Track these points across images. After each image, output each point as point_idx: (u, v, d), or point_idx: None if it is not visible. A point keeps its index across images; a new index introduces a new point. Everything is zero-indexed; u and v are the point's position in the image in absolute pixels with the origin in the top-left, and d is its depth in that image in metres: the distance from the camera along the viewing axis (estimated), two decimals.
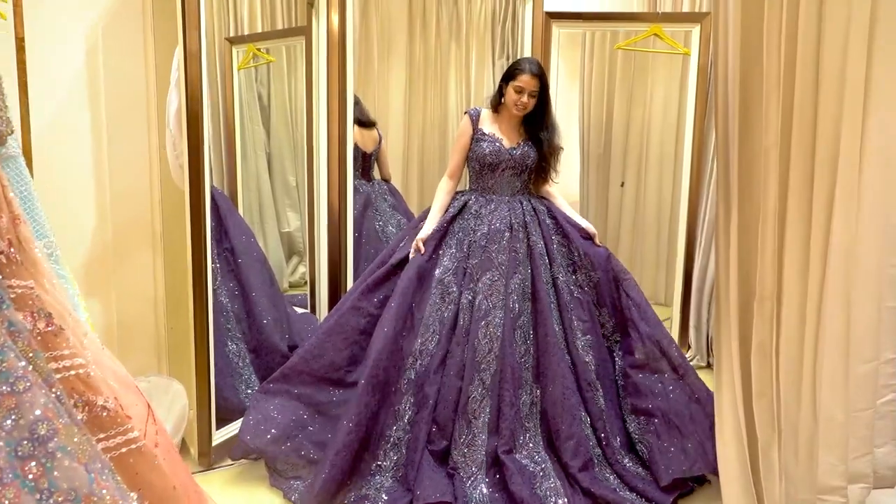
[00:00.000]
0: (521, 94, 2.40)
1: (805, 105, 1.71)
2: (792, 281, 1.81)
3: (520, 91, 2.40)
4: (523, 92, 2.40)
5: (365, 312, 2.32)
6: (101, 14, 2.31)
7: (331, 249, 2.80)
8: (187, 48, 2.05)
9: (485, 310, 2.26)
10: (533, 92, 2.41)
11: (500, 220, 2.41)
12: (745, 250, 1.81)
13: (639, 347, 2.36)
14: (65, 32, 2.25)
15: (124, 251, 2.48)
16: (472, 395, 2.19)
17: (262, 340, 2.60)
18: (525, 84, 2.40)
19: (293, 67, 3.47)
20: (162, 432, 1.52)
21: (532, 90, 2.40)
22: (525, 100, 2.41)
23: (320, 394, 2.25)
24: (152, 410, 1.51)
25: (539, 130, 2.48)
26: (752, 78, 1.72)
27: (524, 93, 2.40)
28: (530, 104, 2.43)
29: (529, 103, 2.42)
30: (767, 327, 1.82)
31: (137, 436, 1.34)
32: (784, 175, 1.75)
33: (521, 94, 2.40)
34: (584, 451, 2.18)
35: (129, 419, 1.34)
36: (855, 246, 1.78)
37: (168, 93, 2.15)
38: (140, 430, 1.42)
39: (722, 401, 1.89)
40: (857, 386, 1.92)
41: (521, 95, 2.40)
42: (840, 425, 1.90)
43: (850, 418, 1.91)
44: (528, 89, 2.40)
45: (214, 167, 3.28)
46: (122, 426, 1.31)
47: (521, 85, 2.40)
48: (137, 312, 2.53)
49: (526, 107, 2.43)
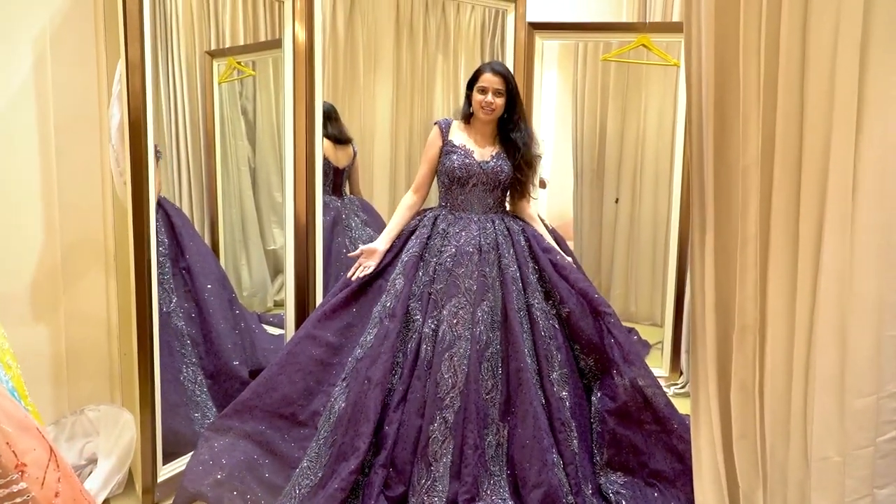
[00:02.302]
0: (484, 94, 2.26)
1: (790, 118, 1.55)
2: (777, 310, 1.65)
3: (483, 91, 2.26)
4: (486, 91, 2.26)
5: (322, 341, 2.16)
6: (49, 22, 2.19)
7: (297, 267, 2.66)
8: (129, 59, 1.93)
9: (449, 340, 2.09)
10: (498, 90, 2.26)
11: (469, 241, 2.24)
12: (722, 278, 1.64)
13: (620, 394, 2.14)
14: (10, 40, 2.13)
15: (74, 271, 2.34)
16: (433, 435, 2.01)
17: (220, 366, 2.46)
18: (487, 83, 2.26)
19: (280, 80, 3.39)
20: (67, 479, 1.37)
21: (496, 88, 2.26)
22: (490, 98, 2.26)
23: (273, 431, 2.09)
24: (56, 455, 1.37)
25: (511, 133, 2.32)
26: (729, 90, 1.57)
27: (488, 91, 2.26)
28: (497, 104, 2.28)
29: (496, 103, 2.27)
30: (749, 362, 1.65)
31: (24, 487, 1.19)
32: (766, 195, 1.59)
33: (484, 93, 2.26)
34: (552, 501, 1.96)
35: (17, 468, 1.20)
36: (849, 270, 1.62)
37: (110, 106, 2.03)
38: (37, 478, 1.28)
39: (700, 444, 1.72)
40: (854, 422, 1.75)
41: (485, 95, 2.26)
42: (835, 466, 1.74)
43: (846, 458, 1.75)
44: (490, 87, 2.26)
45: (194, 183, 3.21)
46: (4, 477, 1.16)
47: (483, 84, 2.26)
48: (88, 337, 2.39)
49: (493, 107, 2.27)
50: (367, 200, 3.64)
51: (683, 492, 2.08)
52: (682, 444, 2.12)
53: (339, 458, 1.97)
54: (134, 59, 1.94)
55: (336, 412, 2.04)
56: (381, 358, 2.07)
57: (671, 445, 2.13)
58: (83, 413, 2.32)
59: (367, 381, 2.05)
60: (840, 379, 1.67)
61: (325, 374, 2.14)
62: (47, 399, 2.29)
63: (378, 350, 2.09)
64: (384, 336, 2.11)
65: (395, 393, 2.07)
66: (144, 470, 2.11)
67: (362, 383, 2.05)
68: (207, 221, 3.17)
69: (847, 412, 1.72)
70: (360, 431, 1.98)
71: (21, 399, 1.65)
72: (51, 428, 2.28)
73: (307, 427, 2.09)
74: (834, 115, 1.51)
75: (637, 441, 2.14)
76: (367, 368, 2.07)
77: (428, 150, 2.38)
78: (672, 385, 3.19)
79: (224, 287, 2.58)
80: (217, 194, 3.22)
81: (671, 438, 2.13)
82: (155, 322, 2.08)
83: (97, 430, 2.28)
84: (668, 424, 2.14)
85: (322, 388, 2.13)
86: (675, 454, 2.13)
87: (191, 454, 2.11)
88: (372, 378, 2.05)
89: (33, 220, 2.24)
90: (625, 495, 2.06)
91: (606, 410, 2.16)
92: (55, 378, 2.31)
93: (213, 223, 3.20)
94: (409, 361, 2.11)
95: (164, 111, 2.94)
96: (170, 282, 2.34)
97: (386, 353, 2.08)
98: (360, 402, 2.03)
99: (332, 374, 2.15)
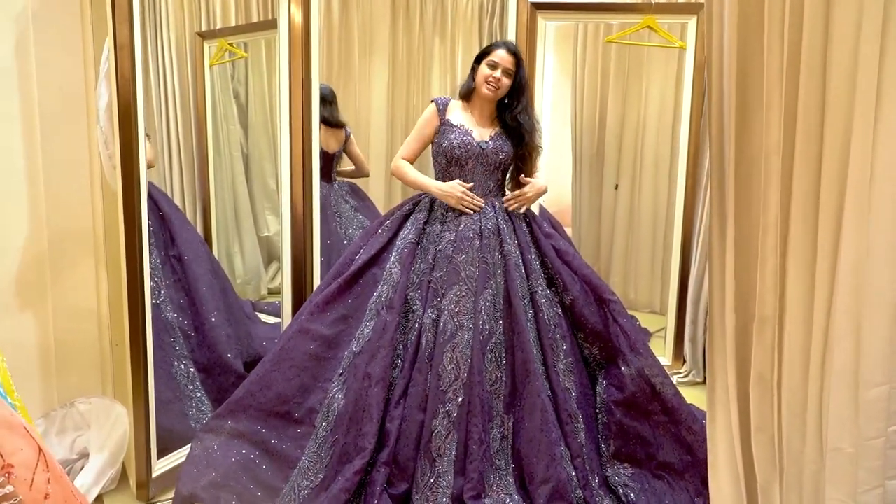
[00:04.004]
0: (494, 69, 2.17)
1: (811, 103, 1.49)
2: (796, 301, 1.60)
3: (493, 66, 2.17)
4: (497, 67, 2.16)
5: (315, 335, 2.08)
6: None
7: (295, 254, 2.58)
8: (117, 39, 1.84)
9: (451, 331, 2.01)
10: (508, 70, 2.17)
11: (469, 226, 2.15)
12: (742, 267, 1.58)
13: (627, 384, 2.08)
14: None
15: (62, 261, 2.26)
16: (436, 429, 1.94)
17: (214, 359, 2.38)
18: (500, 59, 2.16)
19: (273, 63, 3.31)
20: (57, 479, 1.30)
21: (507, 68, 2.17)
22: (498, 75, 2.16)
23: (268, 430, 2.01)
24: (45, 454, 1.29)
25: (514, 117, 2.22)
26: (752, 73, 1.50)
27: (498, 68, 2.16)
28: (504, 84, 2.18)
29: (503, 82, 2.18)
30: (768, 354, 1.60)
31: (11, 490, 1.12)
32: (787, 183, 1.53)
33: (494, 68, 2.17)
34: (560, 496, 1.90)
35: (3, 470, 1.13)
36: (865, 261, 1.57)
37: (97, 86, 1.93)
38: (25, 480, 1.21)
39: (716, 437, 1.67)
40: (866, 413, 1.72)
41: (494, 70, 2.17)
42: (848, 457, 1.70)
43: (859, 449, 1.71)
44: (502, 65, 2.16)
45: (185, 169, 3.14)
46: None
47: (495, 60, 2.17)
48: (78, 329, 2.31)
49: (499, 85, 2.18)
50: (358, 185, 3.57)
51: (692, 484, 2.03)
52: (690, 436, 2.06)
53: (341, 459, 1.90)
54: (123, 40, 1.85)
55: (335, 410, 1.98)
56: (380, 353, 2.00)
57: (680, 437, 2.08)
58: (74, 406, 2.25)
59: (368, 378, 1.98)
60: (855, 370, 1.64)
61: (321, 370, 2.06)
62: (36, 392, 2.22)
63: (377, 344, 2.02)
64: (382, 329, 2.04)
65: (395, 387, 2.00)
66: (139, 464, 2.04)
67: (362, 380, 1.98)
68: (199, 208, 3.12)
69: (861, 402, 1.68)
70: (364, 431, 1.92)
71: (7, 395, 1.58)
72: (40, 421, 2.20)
73: (304, 425, 2.01)
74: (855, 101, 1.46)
75: (645, 432, 2.09)
76: (367, 364, 2.00)
77: (422, 126, 2.28)
78: (675, 374, 3.14)
79: (217, 276, 2.49)
80: (209, 180, 3.16)
81: (680, 430, 2.08)
82: (147, 311, 2.01)
83: (88, 423, 2.21)
84: (676, 415, 2.08)
85: (318, 384, 2.06)
86: (684, 446, 2.08)
87: (187, 446, 2.04)
88: (372, 374, 1.98)
89: (18, 208, 2.15)
90: (633, 488, 2.01)
91: (613, 401, 2.10)
92: (43, 371, 2.23)
93: (205, 210, 3.14)
94: (409, 354, 2.04)
95: (153, 95, 2.88)
96: (159, 272, 2.26)
97: (385, 347, 2.01)
98: (360, 399, 1.96)
99: (327, 370, 2.07)
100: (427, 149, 2.36)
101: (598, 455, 2.09)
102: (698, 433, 2.03)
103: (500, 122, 2.27)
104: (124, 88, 1.87)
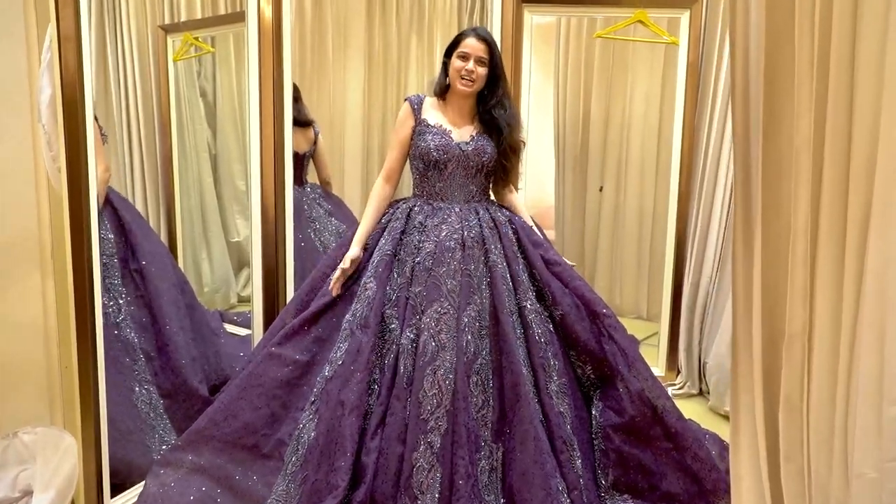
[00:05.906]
0: (465, 60, 2.00)
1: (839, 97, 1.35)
2: (823, 314, 1.45)
3: (464, 57, 2.00)
4: (468, 58, 2.00)
5: (287, 360, 1.89)
6: None
7: (266, 261, 2.39)
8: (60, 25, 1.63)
9: (431, 352, 1.83)
10: (481, 59, 2.01)
11: (450, 235, 1.98)
12: (770, 278, 1.43)
13: (626, 408, 1.91)
14: None
15: (4, 271, 2.03)
16: (417, 463, 1.75)
17: (179, 383, 2.17)
18: (470, 49, 2.00)
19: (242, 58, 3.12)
20: None
21: (480, 56, 2.00)
22: (471, 66, 2.00)
23: (233, 465, 1.82)
24: None
25: (488, 109, 2.06)
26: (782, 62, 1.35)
27: (469, 59, 2.00)
28: (479, 74, 2.02)
29: (478, 73, 2.01)
30: (797, 374, 1.46)
31: None
32: (816, 183, 1.39)
33: (465, 60, 2.00)
34: None
35: None
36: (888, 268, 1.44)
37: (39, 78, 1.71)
38: None
39: (740, 469, 1.52)
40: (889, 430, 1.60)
41: (466, 62, 2.00)
42: (871, 482, 1.57)
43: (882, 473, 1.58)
44: (474, 55, 2.00)
45: (148, 171, 2.96)
46: None
47: (465, 51, 2.00)
48: (22, 349, 2.08)
49: (473, 78, 2.01)
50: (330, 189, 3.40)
51: None
52: (696, 463, 1.91)
53: (311, 499, 1.71)
54: (67, 26, 1.64)
55: (305, 443, 1.79)
56: (354, 377, 1.82)
57: (685, 464, 1.92)
58: (17, 436, 2.03)
59: (341, 406, 1.79)
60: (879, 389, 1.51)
61: (293, 398, 1.88)
62: None
63: (350, 368, 1.84)
64: (357, 351, 1.86)
65: (372, 416, 1.82)
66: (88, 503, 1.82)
67: (334, 409, 1.79)
68: (164, 212, 2.95)
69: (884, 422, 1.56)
70: (337, 466, 1.73)
71: None
72: None
73: (272, 459, 1.82)
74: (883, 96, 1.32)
75: (646, 460, 1.93)
76: (339, 390, 1.81)
77: (398, 130, 2.11)
78: (670, 385, 3.00)
79: (182, 292, 2.28)
80: (174, 183, 3.01)
81: (684, 456, 1.92)
82: (99, 328, 1.81)
83: (34, 455, 2.00)
84: (680, 440, 1.93)
85: (289, 413, 1.87)
86: (689, 474, 1.92)
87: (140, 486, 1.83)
88: (345, 402, 1.79)
89: None
90: None
91: (611, 426, 1.94)
92: None
93: (169, 214, 2.98)
94: (386, 378, 1.85)
95: (112, 92, 2.71)
96: (119, 287, 2.05)
97: (360, 371, 1.82)
98: (333, 430, 1.77)
99: (300, 398, 1.89)
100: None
101: (595, 486, 1.92)
102: (705, 460, 1.89)
103: (480, 118, 2.11)
104: (69, 82, 1.66)
